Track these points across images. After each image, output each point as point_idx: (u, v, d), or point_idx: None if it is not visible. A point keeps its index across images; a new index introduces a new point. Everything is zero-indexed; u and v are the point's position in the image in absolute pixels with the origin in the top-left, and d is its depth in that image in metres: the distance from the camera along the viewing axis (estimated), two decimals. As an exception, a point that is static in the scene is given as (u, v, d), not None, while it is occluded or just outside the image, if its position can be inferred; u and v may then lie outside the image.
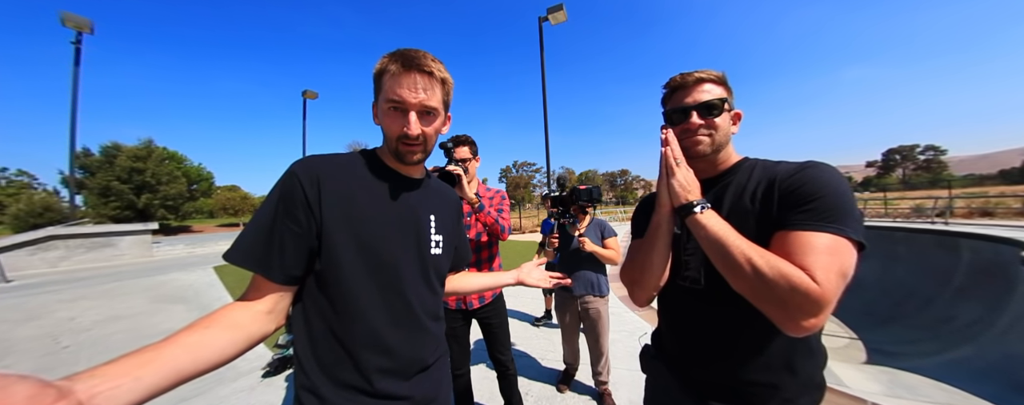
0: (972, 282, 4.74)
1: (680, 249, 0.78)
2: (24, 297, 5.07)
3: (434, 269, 0.75)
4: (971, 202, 11.36)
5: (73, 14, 9.66)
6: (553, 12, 8.45)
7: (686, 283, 0.76)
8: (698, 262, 0.74)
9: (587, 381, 2.22)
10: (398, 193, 0.71)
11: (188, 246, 11.80)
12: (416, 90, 0.62)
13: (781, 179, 0.65)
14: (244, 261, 0.59)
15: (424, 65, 0.62)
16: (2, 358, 3.01)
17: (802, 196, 0.61)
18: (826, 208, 0.59)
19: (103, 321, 4.01)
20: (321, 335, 0.63)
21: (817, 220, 0.58)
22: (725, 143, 0.75)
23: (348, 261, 0.63)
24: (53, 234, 8.60)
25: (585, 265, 2.04)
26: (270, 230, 0.59)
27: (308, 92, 14.91)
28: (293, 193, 0.60)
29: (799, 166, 0.66)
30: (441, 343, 0.78)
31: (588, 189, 1.79)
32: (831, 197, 0.60)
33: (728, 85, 0.74)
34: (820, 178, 0.62)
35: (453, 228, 0.83)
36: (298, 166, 0.63)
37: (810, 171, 0.64)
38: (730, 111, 0.74)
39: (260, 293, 0.60)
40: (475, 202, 1.49)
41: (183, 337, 0.50)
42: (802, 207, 0.60)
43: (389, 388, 0.65)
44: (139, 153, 25.84)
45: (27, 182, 39.19)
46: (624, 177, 74.79)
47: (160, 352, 0.46)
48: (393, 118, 0.64)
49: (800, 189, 0.62)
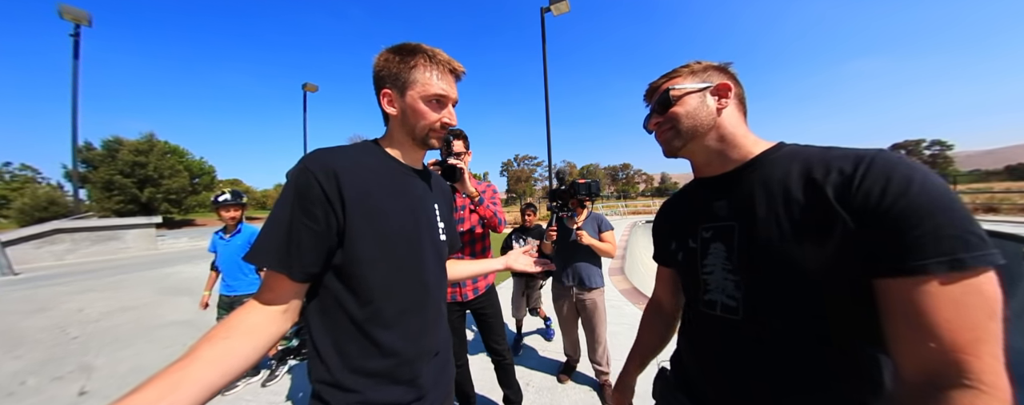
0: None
1: (696, 267, 0.63)
2: (33, 289, 5.15)
3: (443, 256, 0.80)
4: (976, 198, 11.29)
5: (71, 6, 9.58)
6: (555, 3, 8.32)
7: (716, 311, 0.60)
8: (727, 283, 0.58)
9: (588, 372, 2.24)
10: (409, 184, 0.73)
11: (192, 239, 11.89)
12: (453, 87, 0.71)
13: (845, 176, 0.47)
14: (267, 261, 0.58)
15: (458, 70, 0.71)
16: (14, 349, 3.07)
17: (898, 209, 0.42)
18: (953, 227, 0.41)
19: (110, 312, 4.07)
20: (344, 328, 0.63)
21: (944, 251, 0.40)
22: (701, 125, 0.60)
23: (371, 254, 0.63)
24: (59, 227, 8.68)
25: (582, 257, 2.08)
26: (288, 229, 0.58)
27: (308, 85, 14.82)
28: (309, 190, 0.59)
29: (863, 158, 0.47)
30: (448, 329, 0.83)
31: (587, 183, 1.81)
32: (952, 208, 0.41)
33: (705, 69, 0.63)
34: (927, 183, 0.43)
35: (448, 215, 0.88)
36: (311, 162, 0.61)
37: (886, 166, 0.45)
38: (702, 90, 0.61)
39: (276, 293, 0.59)
40: (475, 196, 1.49)
41: (205, 352, 0.50)
42: (915, 229, 0.41)
43: (411, 375, 0.68)
44: (141, 147, 25.87)
45: (31, 176, 39.41)
46: (626, 171, 74.43)
47: (187, 372, 0.47)
48: (433, 109, 0.69)
49: (889, 196, 0.43)
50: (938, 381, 0.40)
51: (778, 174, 0.54)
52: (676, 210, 0.75)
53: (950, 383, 0.39)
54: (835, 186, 0.47)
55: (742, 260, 0.56)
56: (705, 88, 0.61)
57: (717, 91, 0.61)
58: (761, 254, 0.53)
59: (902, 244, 0.42)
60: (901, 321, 0.43)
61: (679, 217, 0.72)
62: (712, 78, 0.62)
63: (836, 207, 0.46)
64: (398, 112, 0.70)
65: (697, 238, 0.64)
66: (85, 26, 9.94)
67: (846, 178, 0.47)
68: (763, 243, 0.53)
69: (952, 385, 0.39)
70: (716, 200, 0.62)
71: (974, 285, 0.40)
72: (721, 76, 0.62)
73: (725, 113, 0.61)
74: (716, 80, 0.61)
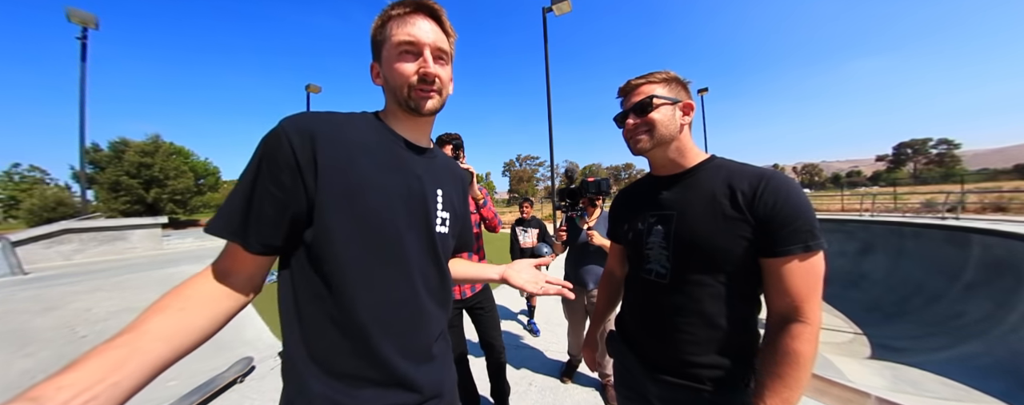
0: (982, 278, 4.67)
1: (642, 244, 0.83)
2: (42, 289, 5.22)
3: (442, 247, 0.67)
4: (984, 197, 11.14)
5: (78, 10, 9.71)
6: (557, 3, 8.31)
7: (651, 276, 0.81)
8: (662, 256, 0.79)
9: (590, 372, 2.25)
10: (404, 159, 0.62)
11: (197, 239, 11.99)
12: (428, 31, 0.59)
13: (751, 189, 0.70)
14: (219, 230, 0.51)
15: (433, 8, 0.59)
16: (24, 347, 3.12)
17: (781, 214, 0.68)
18: (808, 224, 0.67)
19: (118, 312, 4.12)
20: (312, 320, 0.55)
21: (802, 240, 0.66)
22: (669, 136, 0.78)
23: (345, 235, 0.54)
24: (67, 228, 8.79)
25: (593, 259, 2.01)
26: (249, 196, 0.51)
27: (311, 86, 14.92)
28: (278, 153, 0.51)
29: (763, 177, 0.71)
30: (445, 331, 0.71)
31: (597, 181, 1.76)
32: (808, 212, 0.67)
33: (675, 82, 0.79)
34: (791, 192, 0.69)
35: (460, 207, 0.75)
36: (288, 122, 0.53)
37: (776, 184, 0.69)
38: (674, 104, 0.77)
39: (236, 262, 0.53)
40: (480, 198, 1.61)
41: (157, 324, 0.44)
42: (788, 227, 0.67)
43: (390, 377, 0.58)
44: (146, 148, 26.18)
45: (40, 177, 39.96)
46: (628, 171, 74.21)
47: (135, 347, 0.40)
48: (404, 61, 0.58)
49: (777, 206, 0.68)
50: (787, 318, 0.67)
51: (708, 181, 0.76)
52: (631, 199, 0.94)
53: (792, 319, 0.67)
54: (744, 195, 0.70)
55: (675, 240, 0.77)
56: (677, 103, 0.77)
57: (684, 109, 0.78)
58: (688, 237, 0.75)
59: (779, 236, 0.67)
60: (773, 283, 0.69)
61: (633, 204, 0.91)
62: (681, 94, 0.78)
63: (745, 211, 0.70)
64: (383, 80, 0.62)
65: (645, 222, 0.84)
66: (92, 29, 10.07)
67: (752, 190, 0.70)
68: (690, 229, 0.75)
69: (793, 320, 0.67)
70: (663, 194, 0.82)
71: (814, 260, 0.66)
72: (686, 95, 0.79)
73: (685, 130, 0.80)
74: (684, 97, 0.79)
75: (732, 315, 0.73)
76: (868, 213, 9.25)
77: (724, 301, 0.73)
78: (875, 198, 10.82)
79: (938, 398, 2.68)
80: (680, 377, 0.76)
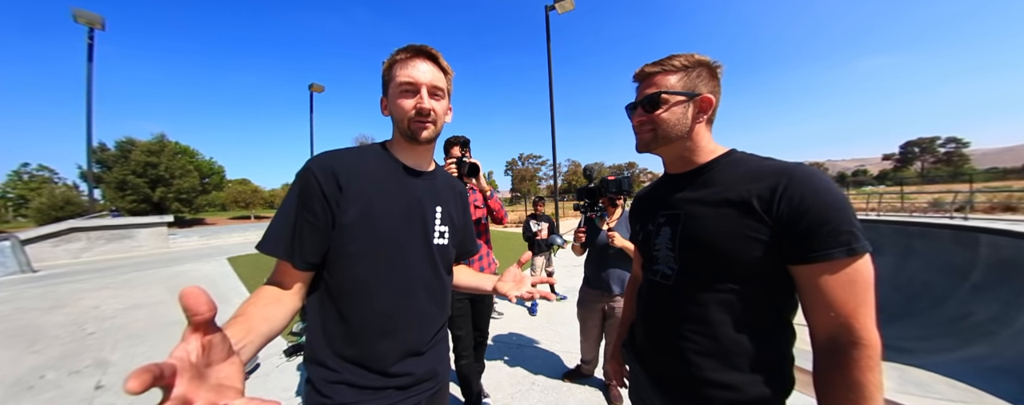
0: (990, 278, 4.61)
1: (650, 244, 0.78)
2: (50, 286, 5.30)
3: (441, 257, 0.80)
4: (993, 196, 10.97)
5: (85, 11, 9.80)
6: (560, 1, 8.28)
7: (657, 277, 0.76)
8: (669, 257, 0.73)
9: (595, 373, 2.24)
10: (405, 185, 0.76)
11: (202, 238, 12.11)
12: (425, 72, 0.71)
13: (770, 186, 0.60)
14: (274, 250, 0.66)
15: (430, 52, 0.72)
16: (33, 344, 3.16)
17: (811, 214, 0.56)
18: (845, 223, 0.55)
19: (125, 309, 4.18)
20: (330, 314, 0.69)
21: (842, 242, 0.55)
22: (677, 135, 0.70)
23: (358, 249, 0.68)
24: (75, 226, 8.91)
25: (614, 262, 1.85)
26: (293, 223, 0.66)
27: (315, 85, 14.98)
28: (309, 187, 0.67)
29: (784, 171, 0.60)
30: (442, 328, 0.83)
31: (617, 179, 1.68)
32: (845, 209, 0.56)
33: (697, 69, 0.68)
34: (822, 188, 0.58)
35: (459, 219, 0.87)
36: (313, 162, 0.69)
37: (800, 178, 0.58)
38: (689, 99, 0.68)
39: (285, 277, 0.67)
40: (488, 191, 1.81)
41: (259, 310, 0.60)
42: (822, 228, 0.55)
43: (387, 366, 0.71)
44: (152, 148, 26.42)
45: (48, 177, 40.49)
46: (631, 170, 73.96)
47: (250, 322, 0.56)
48: (405, 97, 0.71)
49: (804, 204, 0.57)
50: (836, 340, 0.56)
51: (722, 178, 0.69)
52: (646, 199, 0.90)
53: (843, 340, 0.55)
54: (761, 193, 0.61)
55: (681, 241, 0.71)
56: (692, 97, 0.69)
57: (701, 104, 0.69)
58: (694, 239, 0.69)
59: (812, 239, 0.56)
60: (811, 296, 0.58)
61: (647, 204, 0.87)
62: (700, 85, 0.69)
63: (760, 212, 0.60)
64: (389, 112, 0.75)
65: (654, 222, 0.79)
66: (99, 30, 10.16)
67: (771, 188, 0.60)
68: (697, 232, 0.68)
69: (844, 341, 0.55)
70: (673, 193, 0.76)
71: (858, 266, 0.55)
72: (707, 84, 0.70)
73: (698, 127, 0.72)
74: (703, 89, 0.69)
75: (745, 327, 0.64)
76: (875, 213, 9.16)
77: (735, 310, 0.64)
78: (882, 197, 10.71)
79: (945, 400, 2.65)
80: (686, 393, 0.69)
